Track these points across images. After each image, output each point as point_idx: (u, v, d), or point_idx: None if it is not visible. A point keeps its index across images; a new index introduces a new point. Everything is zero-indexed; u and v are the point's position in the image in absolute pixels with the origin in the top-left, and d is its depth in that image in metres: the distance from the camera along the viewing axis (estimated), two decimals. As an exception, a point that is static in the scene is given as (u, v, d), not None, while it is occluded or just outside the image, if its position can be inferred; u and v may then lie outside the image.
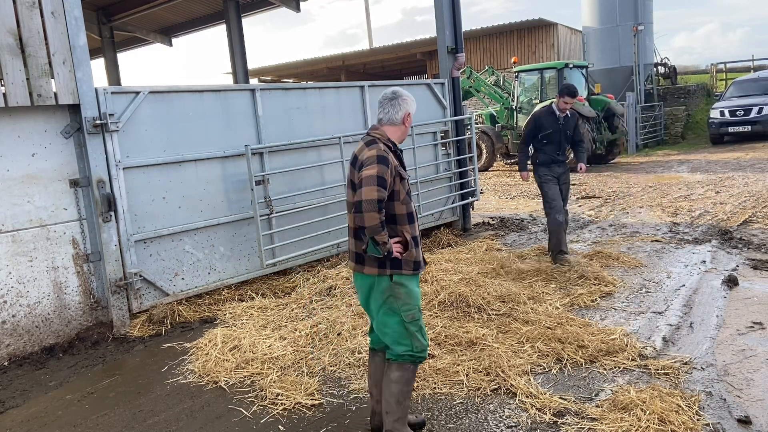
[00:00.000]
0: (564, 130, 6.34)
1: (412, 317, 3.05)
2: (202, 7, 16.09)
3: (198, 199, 5.88)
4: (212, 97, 5.98)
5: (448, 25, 8.24)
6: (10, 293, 4.83)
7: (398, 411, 3.06)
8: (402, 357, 3.07)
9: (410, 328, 3.05)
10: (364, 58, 28.11)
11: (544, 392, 3.62)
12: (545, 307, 5.02)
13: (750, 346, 4.14)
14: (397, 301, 3.04)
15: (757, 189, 10.22)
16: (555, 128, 6.31)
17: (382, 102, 3.20)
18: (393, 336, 3.07)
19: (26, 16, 4.76)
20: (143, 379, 4.35)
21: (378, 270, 3.02)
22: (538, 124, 6.38)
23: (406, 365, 3.08)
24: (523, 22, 23.62)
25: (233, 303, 5.78)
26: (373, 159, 2.93)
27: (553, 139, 6.34)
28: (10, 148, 4.82)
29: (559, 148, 6.38)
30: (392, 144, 3.12)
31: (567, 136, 6.38)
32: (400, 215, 3.04)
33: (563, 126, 6.33)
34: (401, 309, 3.04)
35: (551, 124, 6.32)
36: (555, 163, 6.42)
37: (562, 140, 6.36)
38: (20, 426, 3.79)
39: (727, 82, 23.53)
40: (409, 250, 3.02)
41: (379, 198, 2.86)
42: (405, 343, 3.06)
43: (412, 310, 3.05)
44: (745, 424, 3.19)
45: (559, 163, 6.44)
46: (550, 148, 6.37)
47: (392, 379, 3.07)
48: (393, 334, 3.07)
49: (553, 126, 6.32)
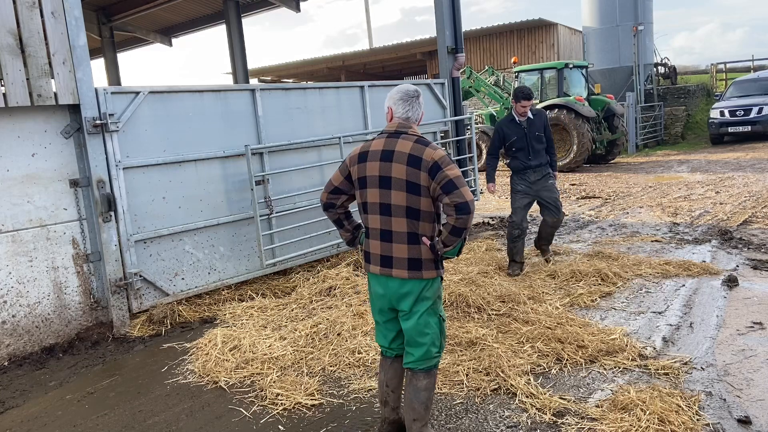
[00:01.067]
0: (531, 133, 6.08)
1: (444, 314, 3.08)
2: (202, 7, 16.10)
3: (198, 199, 5.88)
4: (212, 97, 5.98)
5: (448, 25, 8.24)
6: (10, 293, 4.83)
7: (426, 416, 3.02)
8: (432, 360, 2.98)
9: (443, 326, 3.04)
10: (364, 58, 28.10)
11: (544, 392, 3.62)
12: (545, 307, 5.02)
13: (750, 346, 4.14)
14: (440, 301, 3.04)
15: (757, 189, 10.22)
16: (519, 134, 6.10)
17: (408, 99, 3.08)
18: (432, 337, 2.95)
19: (26, 16, 4.76)
20: (143, 379, 4.35)
21: (436, 272, 2.94)
22: (500, 134, 6.19)
23: (432, 371, 3.00)
24: (523, 22, 23.61)
25: (233, 303, 5.78)
26: (448, 159, 2.84)
27: (520, 145, 6.11)
28: (10, 148, 4.82)
29: (529, 154, 6.11)
30: None
31: (537, 138, 6.10)
32: (438, 214, 3.01)
33: (528, 130, 6.09)
34: (440, 309, 3.03)
35: (514, 131, 6.12)
36: (528, 169, 6.15)
37: (531, 144, 6.09)
38: (20, 426, 3.79)
39: (727, 82, 23.53)
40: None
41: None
42: (438, 345, 3.00)
43: (442, 307, 3.09)
44: (745, 424, 3.19)
45: (533, 168, 6.14)
46: (521, 155, 6.15)
47: (421, 388, 2.97)
48: (432, 335, 2.96)
49: (517, 132, 6.11)
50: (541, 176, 6.19)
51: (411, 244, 2.89)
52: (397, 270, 2.92)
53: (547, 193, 6.23)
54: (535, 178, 6.18)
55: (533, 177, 6.17)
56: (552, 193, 6.27)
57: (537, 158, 6.14)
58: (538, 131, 6.12)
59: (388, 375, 3.15)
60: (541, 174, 6.20)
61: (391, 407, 3.18)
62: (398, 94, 3.08)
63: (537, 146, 6.12)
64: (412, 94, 3.06)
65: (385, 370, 3.17)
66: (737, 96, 18.53)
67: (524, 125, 6.10)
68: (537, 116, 6.17)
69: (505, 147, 6.20)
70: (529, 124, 6.10)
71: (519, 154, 6.14)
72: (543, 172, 6.20)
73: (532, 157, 6.12)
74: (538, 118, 6.17)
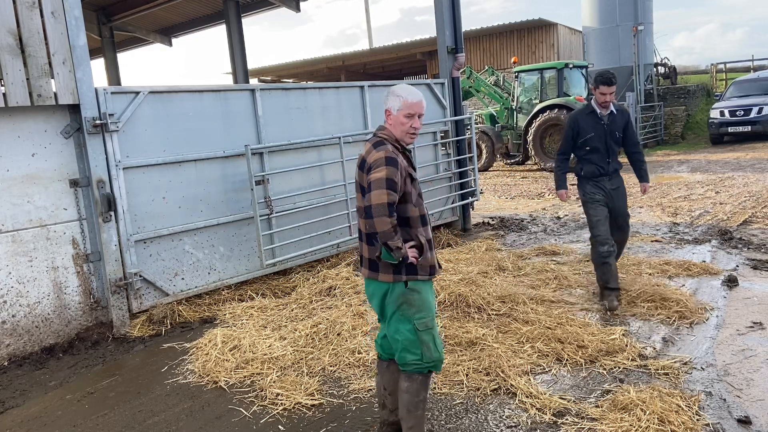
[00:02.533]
0: (610, 131, 5.11)
1: (425, 325, 2.91)
2: (202, 7, 16.09)
3: (198, 199, 5.88)
4: (212, 97, 5.98)
5: (448, 25, 8.24)
6: (10, 293, 4.83)
7: (410, 419, 2.99)
8: (409, 366, 2.94)
9: (423, 336, 2.90)
10: (364, 58, 28.10)
11: (544, 392, 3.62)
12: (545, 307, 5.02)
13: (750, 346, 4.14)
14: (411, 308, 2.90)
15: (757, 189, 10.22)
16: (598, 131, 5.08)
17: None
18: (403, 344, 2.92)
19: (26, 16, 4.76)
20: (143, 379, 4.35)
21: (393, 276, 2.88)
22: (574, 126, 5.15)
23: (414, 375, 2.95)
24: (523, 22, 23.62)
25: (233, 303, 5.78)
26: (381, 161, 2.79)
27: (596, 144, 5.09)
28: (10, 148, 4.82)
29: (607, 156, 5.11)
30: (400, 145, 2.97)
31: (617, 139, 5.16)
32: (414, 218, 2.92)
33: (608, 127, 5.10)
34: (414, 316, 2.90)
35: (592, 126, 5.08)
36: (603, 175, 5.15)
37: (610, 145, 5.11)
38: (20, 426, 3.79)
39: (727, 82, 23.52)
40: (424, 255, 2.91)
41: (390, 201, 2.73)
42: (415, 353, 2.91)
43: (425, 318, 2.91)
44: (745, 424, 3.19)
45: (609, 175, 5.17)
46: (596, 157, 5.11)
47: (402, 389, 2.98)
48: (404, 342, 2.92)
49: (595, 128, 5.08)
50: (616, 186, 5.23)
51: (369, 245, 2.94)
52: (363, 269, 3.05)
53: (621, 207, 5.26)
54: (611, 187, 5.19)
55: (609, 186, 5.18)
56: (625, 206, 5.31)
57: (615, 163, 5.21)
58: (618, 131, 5.17)
59: (385, 378, 3.16)
60: (617, 183, 5.25)
61: (389, 410, 3.17)
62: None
63: (615, 148, 5.22)
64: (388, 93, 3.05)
65: (381, 372, 3.18)
66: (737, 96, 18.53)
67: (605, 121, 5.10)
68: (620, 113, 5.20)
69: (576, 145, 5.21)
70: (610, 120, 5.13)
71: (592, 156, 5.13)
72: (619, 180, 5.28)
73: (610, 161, 5.15)
74: (620, 116, 5.20)
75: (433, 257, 2.99)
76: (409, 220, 2.92)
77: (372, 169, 2.82)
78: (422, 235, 2.92)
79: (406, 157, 2.97)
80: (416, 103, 2.96)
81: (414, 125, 2.95)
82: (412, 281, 2.90)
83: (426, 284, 2.96)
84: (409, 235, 2.90)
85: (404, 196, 2.87)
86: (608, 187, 5.16)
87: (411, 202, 2.90)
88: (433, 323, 2.95)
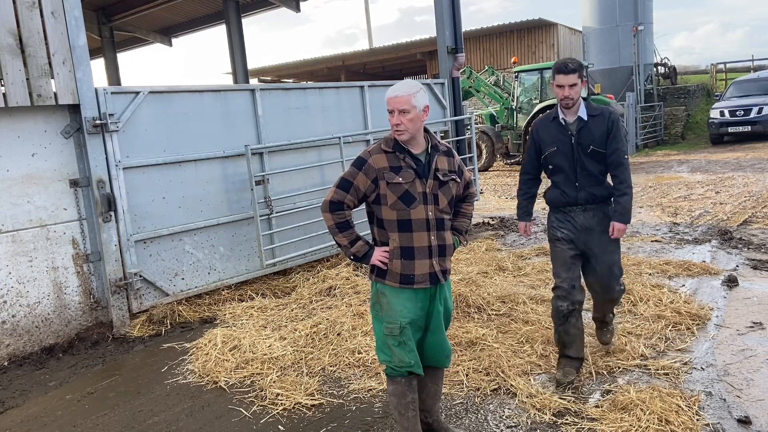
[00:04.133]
0: (579, 144, 3.67)
1: (390, 331, 2.86)
2: (202, 7, 16.09)
3: (198, 199, 5.88)
4: (212, 97, 5.98)
5: (448, 25, 8.24)
6: (10, 293, 4.83)
7: (403, 422, 3.00)
8: (386, 366, 2.98)
9: (389, 341, 2.88)
10: (363, 58, 28.11)
11: (544, 392, 3.62)
12: (545, 307, 5.02)
13: (750, 346, 4.14)
14: (381, 309, 2.91)
15: (757, 189, 10.22)
16: (561, 143, 3.70)
17: None
18: (378, 342, 2.98)
19: (26, 16, 4.76)
20: (143, 379, 4.35)
21: (370, 275, 2.97)
22: (536, 138, 3.83)
23: (396, 378, 2.95)
24: (523, 22, 23.62)
25: (233, 303, 5.78)
26: (354, 160, 2.90)
27: (560, 162, 3.72)
28: (10, 148, 4.82)
29: (575, 178, 3.70)
30: (394, 144, 2.84)
31: (591, 154, 3.66)
32: (389, 221, 2.84)
33: (577, 137, 3.67)
34: (384, 318, 2.90)
35: (554, 137, 3.73)
36: (571, 204, 3.76)
37: (580, 162, 3.68)
38: (20, 426, 3.79)
39: (727, 82, 23.52)
40: (391, 261, 2.83)
41: (332, 199, 2.85)
42: (386, 353, 2.93)
43: (391, 324, 2.86)
44: (745, 424, 3.19)
45: (581, 205, 3.74)
46: (561, 179, 3.75)
47: (389, 392, 3.01)
48: (377, 340, 2.98)
49: (558, 139, 3.71)
50: (594, 220, 3.77)
51: None
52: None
53: (600, 252, 3.79)
54: (585, 221, 3.76)
55: (581, 220, 3.76)
56: (610, 252, 3.81)
57: (588, 187, 3.71)
58: (595, 143, 3.66)
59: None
60: (595, 216, 3.76)
61: (425, 413, 3.18)
62: None
63: (590, 167, 3.68)
64: None
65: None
66: (737, 96, 18.53)
67: (571, 130, 3.69)
68: (598, 118, 3.69)
69: (541, 162, 3.86)
70: (579, 129, 3.67)
71: (558, 177, 3.77)
72: (598, 212, 3.76)
73: (579, 185, 3.71)
74: (597, 121, 3.68)
75: (410, 266, 2.82)
76: (383, 222, 2.88)
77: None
78: (395, 241, 2.83)
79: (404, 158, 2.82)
80: (391, 98, 2.79)
81: (393, 121, 2.79)
82: (380, 284, 2.90)
83: (396, 291, 2.85)
84: (384, 237, 2.89)
85: (378, 197, 2.84)
86: (579, 221, 3.74)
87: (386, 204, 2.82)
88: (399, 332, 2.84)
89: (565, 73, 3.57)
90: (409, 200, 2.81)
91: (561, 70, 3.57)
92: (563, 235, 3.80)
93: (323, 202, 2.90)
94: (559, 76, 3.59)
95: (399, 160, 2.84)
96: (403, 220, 2.82)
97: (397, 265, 2.84)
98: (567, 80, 3.57)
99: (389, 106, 2.81)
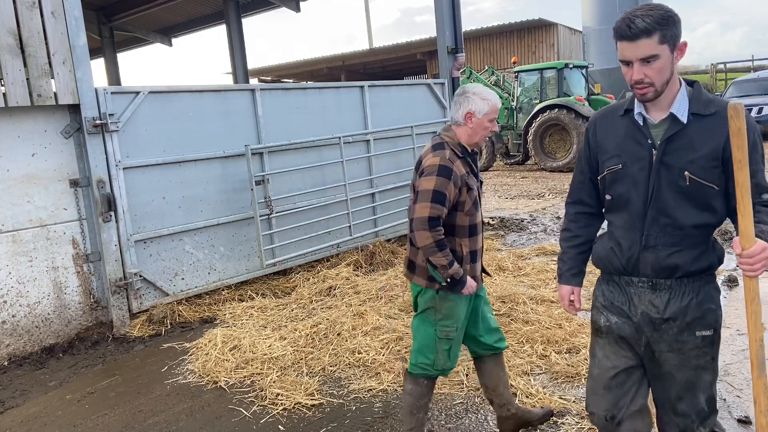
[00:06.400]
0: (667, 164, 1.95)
1: (446, 335, 2.84)
2: (202, 7, 16.09)
3: (198, 199, 5.88)
4: (212, 97, 5.98)
5: (448, 25, 8.24)
6: (10, 293, 4.83)
7: (412, 421, 2.99)
8: (417, 367, 2.93)
9: (441, 344, 2.85)
10: (363, 58, 28.11)
11: (544, 392, 3.62)
12: (545, 307, 5.02)
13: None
14: (437, 314, 2.85)
15: (757, 189, 10.21)
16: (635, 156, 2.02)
17: (454, 99, 2.92)
18: (419, 343, 2.91)
19: (26, 16, 4.76)
20: (143, 379, 4.35)
21: (427, 282, 2.83)
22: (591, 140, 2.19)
23: (419, 380, 2.93)
24: (523, 22, 23.63)
25: (233, 303, 5.78)
26: (433, 169, 2.67)
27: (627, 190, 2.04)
28: (10, 148, 4.82)
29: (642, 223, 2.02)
30: (462, 148, 2.81)
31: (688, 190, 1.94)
32: (461, 227, 2.79)
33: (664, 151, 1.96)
34: (438, 323, 2.84)
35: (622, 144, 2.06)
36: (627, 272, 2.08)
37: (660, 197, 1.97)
38: (20, 426, 3.79)
39: (727, 82, 23.54)
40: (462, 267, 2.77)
41: (432, 216, 2.62)
42: (428, 357, 2.88)
43: (449, 328, 2.84)
44: (745, 424, 3.19)
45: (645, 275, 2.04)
46: (622, 219, 2.09)
47: (406, 390, 2.99)
48: (420, 342, 2.90)
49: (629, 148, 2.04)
50: (674, 307, 2.02)
51: (411, 246, 2.90)
52: (406, 270, 3.01)
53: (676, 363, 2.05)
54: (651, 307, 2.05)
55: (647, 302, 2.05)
56: (691, 370, 2.05)
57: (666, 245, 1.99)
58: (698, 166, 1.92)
59: (484, 376, 3.13)
60: (676, 300, 2.02)
61: (497, 405, 3.15)
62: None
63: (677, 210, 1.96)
64: (458, 92, 2.91)
65: (478, 371, 3.16)
66: (737, 96, 18.53)
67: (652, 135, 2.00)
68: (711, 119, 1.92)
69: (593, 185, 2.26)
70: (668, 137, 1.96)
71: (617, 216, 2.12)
72: (683, 293, 2.01)
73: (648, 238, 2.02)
74: (713, 123, 1.92)
75: (474, 269, 2.85)
76: (455, 229, 2.79)
77: (424, 173, 2.72)
78: (466, 246, 2.80)
79: (467, 162, 2.83)
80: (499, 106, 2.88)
81: (493, 128, 2.86)
82: (443, 290, 2.80)
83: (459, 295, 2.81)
84: (451, 245, 2.77)
85: (455, 204, 2.75)
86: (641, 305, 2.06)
87: (462, 211, 2.78)
88: (456, 334, 2.86)
89: (630, 39, 1.85)
90: (476, 204, 2.83)
91: (623, 35, 1.86)
92: (609, 324, 2.15)
93: (418, 220, 2.63)
94: (623, 44, 1.88)
95: (467, 165, 2.83)
96: (472, 225, 2.83)
97: (468, 270, 2.81)
98: (635, 50, 1.86)
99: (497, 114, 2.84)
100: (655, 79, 1.89)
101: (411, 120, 7.60)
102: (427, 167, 2.72)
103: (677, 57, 1.90)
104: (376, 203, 7.37)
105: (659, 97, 1.94)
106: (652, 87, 1.90)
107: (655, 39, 1.83)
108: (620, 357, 2.14)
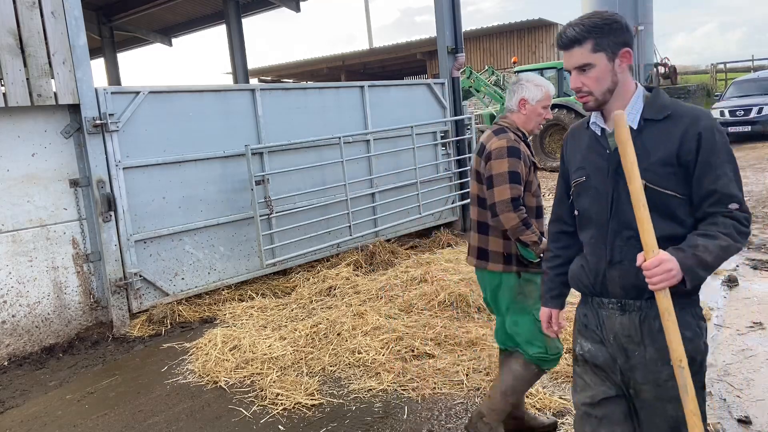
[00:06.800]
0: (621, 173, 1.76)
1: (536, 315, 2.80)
2: (202, 7, 16.09)
3: (198, 199, 5.88)
4: (212, 97, 5.98)
5: (448, 25, 8.24)
6: (10, 293, 4.83)
7: (500, 403, 2.91)
8: (532, 358, 2.86)
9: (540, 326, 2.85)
10: (363, 58, 28.10)
11: (544, 392, 3.61)
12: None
13: (750, 346, 4.14)
14: (527, 299, 2.82)
15: (757, 189, 10.22)
16: (595, 166, 1.94)
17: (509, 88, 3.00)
18: (525, 335, 2.85)
19: (26, 16, 4.76)
20: (143, 379, 4.35)
21: (503, 266, 2.81)
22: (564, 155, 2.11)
23: (531, 366, 2.87)
24: (523, 22, 23.62)
25: (233, 303, 5.78)
26: (502, 151, 2.71)
27: (589, 204, 1.96)
28: (10, 148, 4.82)
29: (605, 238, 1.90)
30: (522, 133, 2.89)
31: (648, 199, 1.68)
32: (530, 207, 2.80)
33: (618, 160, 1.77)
34: (533, 307, 2.79)
35: (586, 155, 1.98)
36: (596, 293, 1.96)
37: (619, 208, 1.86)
38: (20, 426, 3.79)
39: (727, 82, 23.52)
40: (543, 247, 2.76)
41: (513, 196, 2.66)
42: (538, 344, 2.82)
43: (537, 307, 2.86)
44: (745, 424, 3.19)
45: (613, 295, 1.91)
46: (588, 235, 1.98)
47: (511, 369, 2.91)
48: (525, 334, 2.85)
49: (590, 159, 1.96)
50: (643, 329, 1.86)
51: (480, 233, 2.89)
52: (470, 257, 2.97)
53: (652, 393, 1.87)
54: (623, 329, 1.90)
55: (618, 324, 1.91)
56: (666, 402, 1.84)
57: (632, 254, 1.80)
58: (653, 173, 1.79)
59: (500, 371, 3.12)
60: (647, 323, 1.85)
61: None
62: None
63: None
64: (512, 81, 2.99)
65: (500, 364, 3.14)
66: (737, 96, 18.52)
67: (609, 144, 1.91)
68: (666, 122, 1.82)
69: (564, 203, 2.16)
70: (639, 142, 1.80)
71: (586, 232, 2.00)
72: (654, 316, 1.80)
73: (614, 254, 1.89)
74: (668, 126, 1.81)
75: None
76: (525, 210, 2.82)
77: (492, 157, 2.74)
78: (535, 227, 2.80)
79: (527, 146, 2.88)
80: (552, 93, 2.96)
81: (547, 116, 2.93)
82: (525, 272, 2.80)
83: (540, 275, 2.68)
84: None
85: (525, 185, 2.78)
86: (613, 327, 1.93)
87: (530, 192, 2.81)
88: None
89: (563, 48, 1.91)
90: (539, 186, 2.89)
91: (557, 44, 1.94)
92: (582, 353, 2.04)
93: (501, 203, 2.66)
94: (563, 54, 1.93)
95: (528, 148, 2.88)
96: (538, 206, 2.88)
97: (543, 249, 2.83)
98: (569, 59, 1.89)
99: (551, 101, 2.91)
100: (592, 87, 1.88)
101: (411, 120, 7.60)
102: (495, 150, 2.75)
103: (620, 64, 1.87)
104: (376, 203, 7.37)
105: (604, 105, 1.91)
106: (591, 96, 1.89)
107: (587, 47, 1.85)
108: (599, 387, 1.98)
